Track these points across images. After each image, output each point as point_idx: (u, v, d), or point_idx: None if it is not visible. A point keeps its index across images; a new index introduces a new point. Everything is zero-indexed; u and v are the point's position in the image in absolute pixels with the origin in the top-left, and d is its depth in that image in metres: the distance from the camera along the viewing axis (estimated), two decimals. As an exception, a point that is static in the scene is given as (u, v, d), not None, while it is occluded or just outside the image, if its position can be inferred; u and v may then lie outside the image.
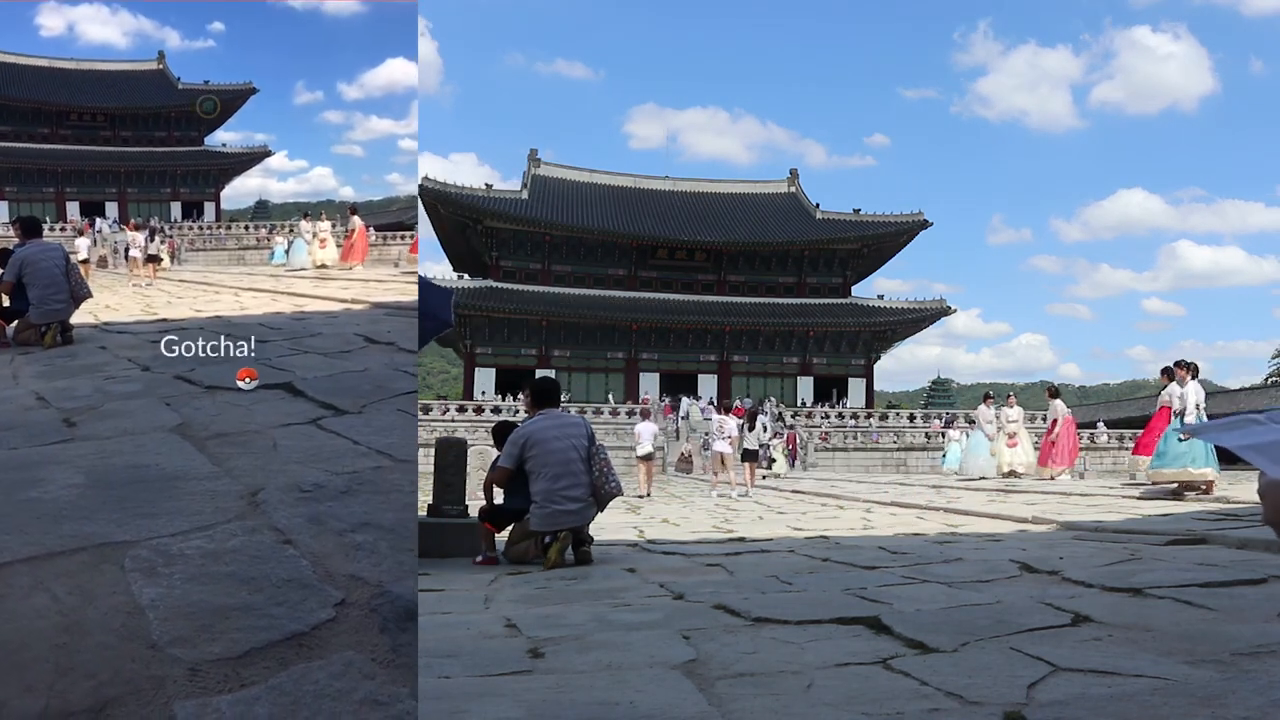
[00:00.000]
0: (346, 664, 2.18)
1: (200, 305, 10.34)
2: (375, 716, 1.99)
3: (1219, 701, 2.16)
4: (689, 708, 2.31)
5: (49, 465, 3.79)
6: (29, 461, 3.88)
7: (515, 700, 2.42)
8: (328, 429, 4.32)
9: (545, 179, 53.48)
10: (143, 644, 2.23)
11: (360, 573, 2.61)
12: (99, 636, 2.28)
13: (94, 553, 2.79)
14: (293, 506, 3.20)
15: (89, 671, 2.11)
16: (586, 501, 5.72)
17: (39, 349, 6.85)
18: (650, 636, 3.22)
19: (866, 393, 51.72)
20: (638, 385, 49.09)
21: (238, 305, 11.23)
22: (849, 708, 2.26)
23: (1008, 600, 3.74)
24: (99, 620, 2.36)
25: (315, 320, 9.61)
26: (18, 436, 4.37)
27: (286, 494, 3.33)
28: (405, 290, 11.47)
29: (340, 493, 3.28)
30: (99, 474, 3.63)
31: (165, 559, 2.72)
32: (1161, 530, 6.22)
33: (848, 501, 12.81)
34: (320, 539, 2.89)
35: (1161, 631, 3.00)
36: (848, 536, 7.26)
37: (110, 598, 2.48)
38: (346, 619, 2.36)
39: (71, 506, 3.24)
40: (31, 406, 5.21)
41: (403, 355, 5.92)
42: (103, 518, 3.09)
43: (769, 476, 20.74)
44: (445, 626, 3.53)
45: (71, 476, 3.61)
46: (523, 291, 48.28)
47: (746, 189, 58.02)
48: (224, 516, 3.09)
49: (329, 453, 3.84)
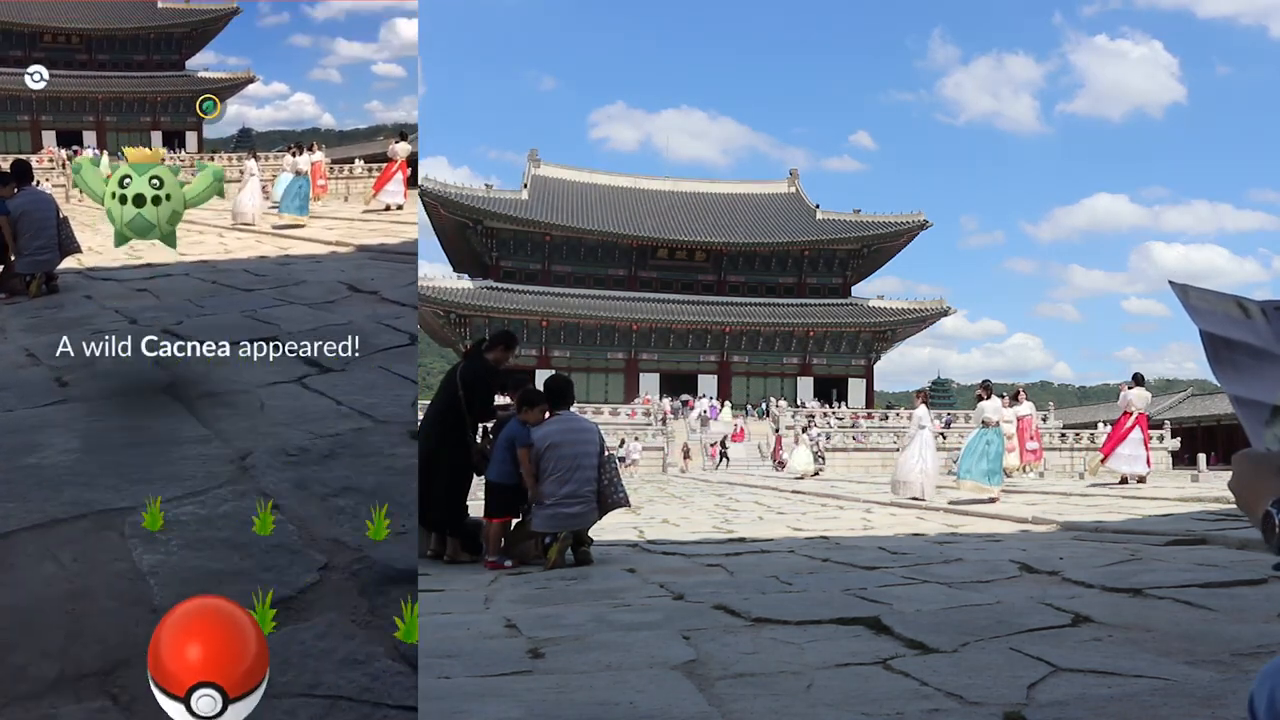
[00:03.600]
0: (329, 625, 2.30)
1: (184, 247, 10.08)
2: (354, 674, 2.11)
3: (1219, 701, 2.16)
4: (689, 708, 2.31)
5: (46, 429, 3.85)
6: (26, 425, 3.95)
7: (515, 700, 2.42)
8: (312, 388, 4.34)
9: (545, 179, 53.48)
10: (146, 609, 2.33)
11: (342, 537, 2.72)
12: (105, 602, 2.38)
13: (95, 519, 2.89)
14: (279, 471, 3.29)
15: (98, 636, 2.22)
16: (591, 506, 5.71)
17: (24, 298, 6.72)
18: (650, 636, 3.22)
19: (867, 393, 51.70)
20: (638, 385, 49.08)
21: (222, 247, 10.90)
22: (849, 708, 2.26)
23: (1008, 600, 3.74)
24: (104, 586, 2.46)
25: (300, 266, 9.39)
26: (13, 397, 4.41)
27: (274, 458, 3.42)
28: (391, 232, 11.03)
29: (323, 456, 3.39)
30: (94, 437, 3.70)
31: (163, 525, 2.82)
32: (1161, 531, 6.22)
33: (848, 501, 12.80)
34: (305, 504, 2.99)
35: (1161, 632, 3.00)
36: (848, 537, 7.26)
37: (113, 564, 2.58)
38: (329, 582, 2.48)
39: (70, 473, 3.32)
40: (23, 364, 5.19)
41: (386, 306, 5.86)
42: (101, 484, 3.17)
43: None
44: (445, 626, 3.53)
45: (68, 440, 3.68)
46: (523, 292, 48.29)
47: (746, 189, 58.02)
48: (215, 481, 3.17)
49: (313, 414, 3.93)
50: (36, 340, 5.56)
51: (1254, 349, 0.98)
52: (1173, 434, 39.47)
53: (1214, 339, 1.00)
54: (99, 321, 5.79)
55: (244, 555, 2.63)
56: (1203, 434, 47.41)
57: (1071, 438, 38.24)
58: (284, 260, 9.93)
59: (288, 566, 2.56)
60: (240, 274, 8.52)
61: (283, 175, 16.39)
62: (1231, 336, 0.99)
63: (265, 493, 3.05)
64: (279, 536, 2.75)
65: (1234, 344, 0.99)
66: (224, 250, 10.94)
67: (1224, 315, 0.99)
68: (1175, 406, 52.67)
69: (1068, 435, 38.83)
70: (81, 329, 5.42)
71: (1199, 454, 34.17)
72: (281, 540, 2.73)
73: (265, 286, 7.62)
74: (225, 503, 3.01)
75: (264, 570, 2.55)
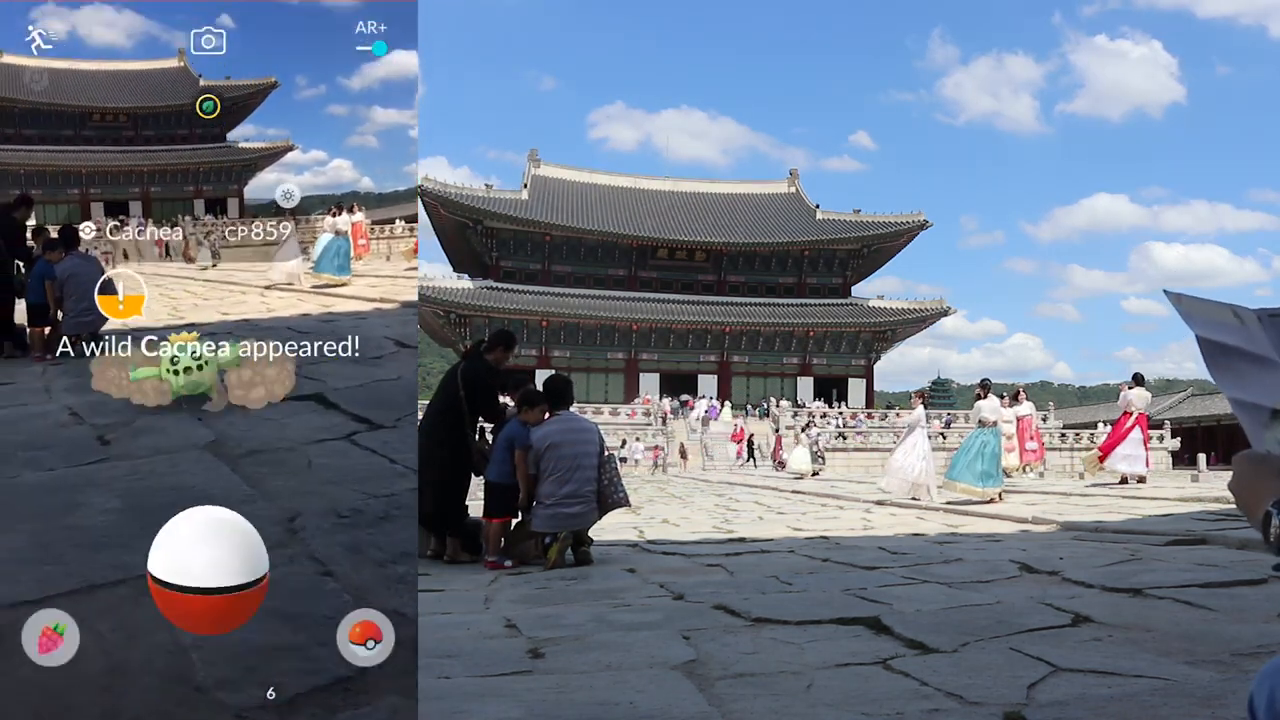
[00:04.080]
0: (392, 710, 2.11)
1: (227, 307, 10.15)
2: None
3: (1219, 701, 2.16)
4: (689, 708, 2.31)
5: (86, 488, 3.71)
6: (66, 484, 3.81)
7: (515, 700, 2.42)
8: (363, 445, 4.27)
9: (545, 179, 53.48)
10: (188, 687, 2.14)
11: (403, 608, 2.48)
12: (143, 679, 2.19)
13: (134, 585, 2.67)
14: (331, 534, 3.06)
15: (136, 717, 2.04)
16: (591, 506, 5.72)
17: (68, 360, 6.79)
18: (650, 636, 3.22)
19: (867, 393, 51.71)
20: (638, 385, 49.08)
21: (264, 307, 10.95)
22: (849, 708, 2.26)
23: (1008, 600, 3.74)
24: (142, 661, 2.26)
25: (344, 322, 9.42)
26: (54, 456, 4.32)
27: (324, 519, 3.20)
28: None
29: (379, 518, 3.18)
30: (135, 497, 3.51)
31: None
32: (1161, 531, 6.22)
33: (848, 501, 12.80)
34: (360, 570, 2.76)
35: (1161, 632, 3.00)
36: (848, 537, 7.26)
37: (152, 635, 2.37)
38: (392, 660, 2.27)
39: (109, 534, 3.15)
40: (66, 423, 5.14)
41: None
42: (140, 546, 2.93)
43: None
44: (445, 626, 3.53)
45: (108, 500, 3.53)
46: (523, 292, 48.29)
47: (746, 189, 58.02)
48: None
49: (364, 472, 3.72)
50: (79, 400, 5.52)
51: (1251, 355, 0.98)
52: (1173, 434, 39.48)
53: (1210, 345, 1.00)
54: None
55: (296, 629, 2.40)
56: (1203, 434, 47.43)
57: (1072, 438, 38.23)
58: (327, 318, 9.94)
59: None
60: (284, 331, 8.54)
61: (322, 236, 17.24)
62: (1228, 342, 0.99)
63: (316, 558, 2.84)
64: (333, 608, 2.49)
65: (1230, 350, 0.99)
66: (266, 309, 10.95)
67: (1219, 322, 0.99)
68: (1175, 406, 52.68)
69: (1068, 435, 38.84)
70: (125, 389, 5.37)
71: (1199, 454, 34.21)
72: (336, 611, 2.47)
73: (309, 342, 7.63)
74: (274, 568, 2.74)
75: (318, 645, 2.31)
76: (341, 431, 4.49)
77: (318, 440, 4.30)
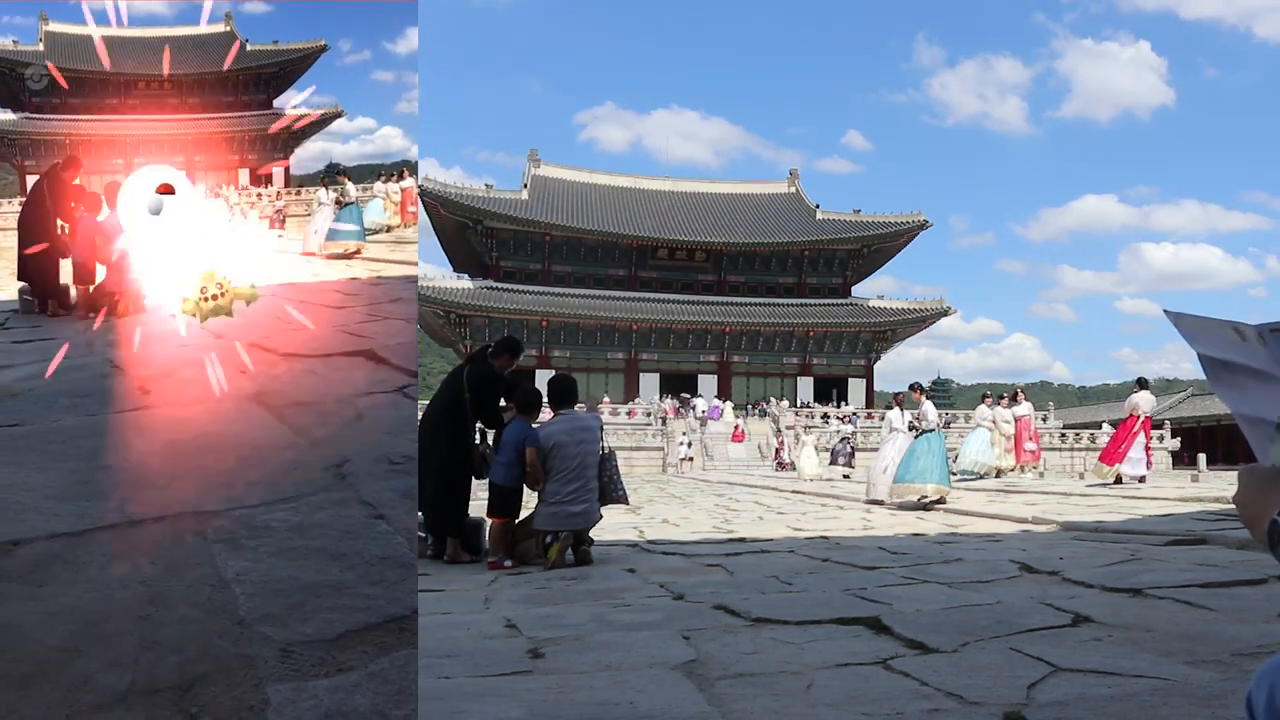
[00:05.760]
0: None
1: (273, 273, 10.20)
2: None
3: (1219, 701, 2.16)
4: (689, 708, 2.31)
5: (126, 432, 3.73)
6: (106, 428, 3.83)
7: (515, 700, 2.42)
8: (414, 398, 4.26)
9: (545, 179, 53.47)
10: (230, 619, 2.08)
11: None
12: (184, 610, 2.13)
13: (174, 521, 2.65)
14: (382, 479, 3.02)
15: (175, 646, 1.97)
16: (594, 505, 5.72)
17: (113, 318, 6.90)
18: (650, 636, 3.22)
19: (867, 393, 51.68)
20: (638, 385, 49.06)
21: (310, 272, 11.05)
22: (849, 708, 2.26)
23: (1008, 600, 3.74)
24: (183, 593, 2.20)
25: (394, 284, 9.45)
26: (95, 403, 4.33)
27: (375, 466, 3.17)
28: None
29: None
30: (176, 442, 3.51)
31: (250, 531, 2.55)
32: (1161, 531, 6.22)
33: (848, 501, 12.80)
34: (414, 514, 2.74)
35: (1161, 632, 3.00)
36: (848, 537, 7.26)
37: (194, 569, 2.33)
38: None
39: (150, 475, 3.13)
40: (108, 374, 5.14)
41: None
42: (182, 487, 2.96)
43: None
44: (445, 626, 3.53)
45: (148, 444, 3.53)
46: (523, 292, 48.27)
47: (746, 189, 58.01)
48: (309, 489, 2.93)
49: (416, 423, 3.73)
50: (122, 353, 5.51)
51: (1253, 370, 0.97)
52: (1173, 434, 39.45)
53: (1212, 362, 1.00)
54: (185, 337, 5.89)
55: (344, 567, 2.36)
56: (1203, 434, 47.39)
57: (1071, 438, 38.22)
58: (376, 281, 10.04)
59: (399, 582, 2.29)
60: (331, 294, 8.60)
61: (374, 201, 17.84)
62: (1230, 359, 0.99)
63: (367, 501, 2.82)
64: (386, 548, 2.45)
65: (1233, 366, 0.99)
66: (313, 274, 11.02)
67: (1220, 339, 0.99)
68: (1175, 406, 52.62)
69: (1067, 435, 38.81)
70: (166, 343, 5.35)
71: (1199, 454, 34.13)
72: (389, 552, 2.43)
73: (358, 304, 7.66)
74: (321, 510, 2.74)
75: (370, 584, 2.26)
76: (392, 385, 4.49)
77: (367, 393, 4.29)
